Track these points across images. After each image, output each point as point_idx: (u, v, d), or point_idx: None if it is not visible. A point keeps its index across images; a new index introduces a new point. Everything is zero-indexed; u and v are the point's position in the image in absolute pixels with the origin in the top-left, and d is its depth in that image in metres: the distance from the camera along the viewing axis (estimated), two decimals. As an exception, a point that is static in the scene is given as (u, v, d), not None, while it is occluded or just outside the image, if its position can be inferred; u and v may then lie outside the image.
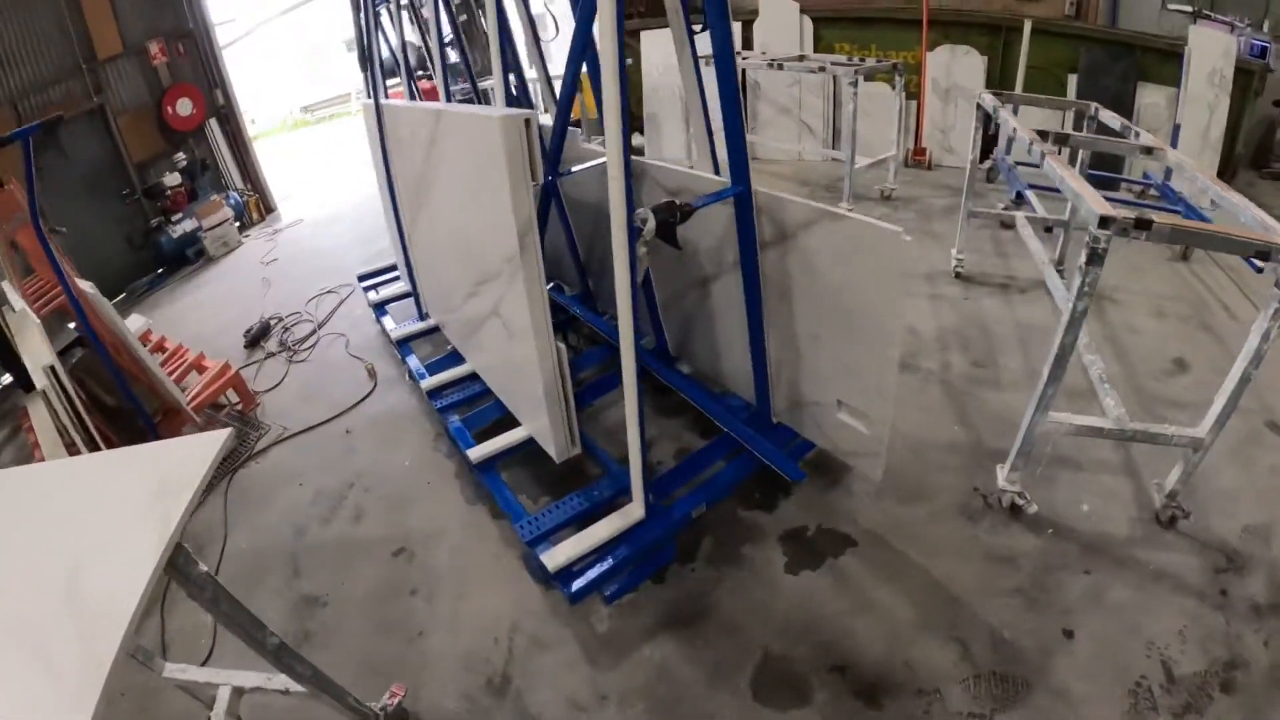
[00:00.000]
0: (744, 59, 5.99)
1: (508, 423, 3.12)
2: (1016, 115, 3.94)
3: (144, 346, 3.63)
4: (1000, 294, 4.44)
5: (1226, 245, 2.03)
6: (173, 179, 6.55)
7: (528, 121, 2.14)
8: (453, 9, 3.74)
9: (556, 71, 3.03)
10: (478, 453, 2.97)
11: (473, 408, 3.40)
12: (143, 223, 6.46)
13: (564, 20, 4.20)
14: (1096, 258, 2.03)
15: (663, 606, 2.50)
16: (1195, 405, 3.18)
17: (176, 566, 1.36)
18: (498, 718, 2.21)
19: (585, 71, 2.72)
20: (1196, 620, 2.24)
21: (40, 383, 2.97)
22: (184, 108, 6.78)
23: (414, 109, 3.20)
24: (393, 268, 5.01)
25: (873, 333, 2.24)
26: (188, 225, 6.50)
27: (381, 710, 2.07)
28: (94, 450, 2.87)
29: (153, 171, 6.60)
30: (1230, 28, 5.49)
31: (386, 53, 4.29)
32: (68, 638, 1.11)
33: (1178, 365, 3.65)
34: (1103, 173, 5.42)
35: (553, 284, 4.09)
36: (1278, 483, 2.82)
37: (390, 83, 4.92)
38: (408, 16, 4.30)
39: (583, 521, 2.55)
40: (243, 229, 7.20)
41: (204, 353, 4.13)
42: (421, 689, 2.31)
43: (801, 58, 6.11)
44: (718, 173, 2.75)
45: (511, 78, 3.51)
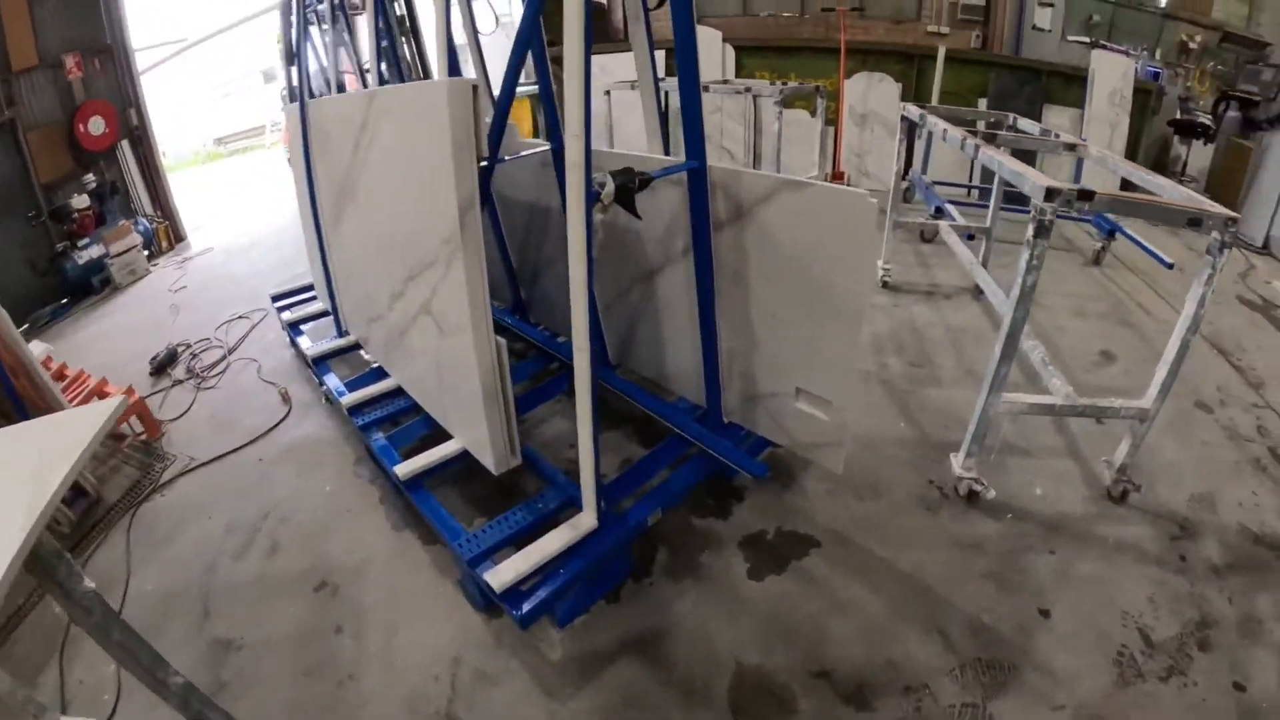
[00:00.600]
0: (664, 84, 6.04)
1: (436, 438, 2.86)
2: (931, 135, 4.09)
3: (45, 372, 3.21)
4: (927, 301, 4.55)
5: (1163, 214, 2.10)
6: (81, 201, 6.02)
7: (475, 88, 1.99)
8: (390, 21, 3.53)
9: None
10: (405, 469, 2.68)
11: (398, 424, 3.13)
12: (47, 247, 5.88)
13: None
14: (1044, 230, 2.06)
15: (621, 626, 2.28)
16: (1129, 390, 3.34)
17: (58, 581, 1.09)
18: (443, 762, 1.94)
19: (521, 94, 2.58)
20: (1163, 586, 2.31)
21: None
22: (96, 126, 6.28)
23: (344, 97, 3.00)
24: (309, 288, 4.67)
25: (837, 306, 2.14)
26: (94, 251, 5.96)
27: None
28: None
29: (60, 193, 6.05)
30: (1126, 53, 5.96)
31: (315, 68, 4.06)
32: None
33: (1105, 357, 3.85)
34: (987, 186, 5.66)
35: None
36: (1214, 454, 3.00)
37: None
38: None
39: (527, 538, 2.30)
40: (151, 257, 6.70)
41: (106, 378, 3.72)
42: (354, 737, 2.01)
43: (726, 81, 6.21)
44: (667, 153, 2.66)
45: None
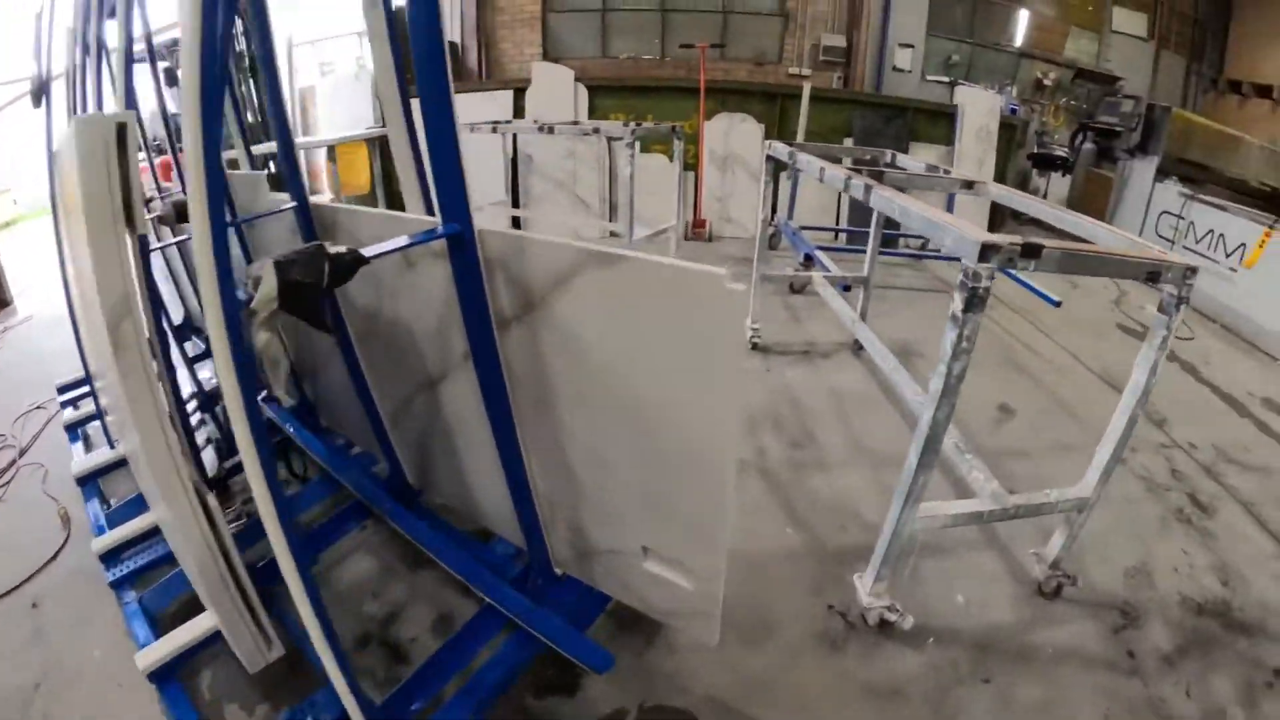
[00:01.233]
0: (510, 124, 5.47)
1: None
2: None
3: None
4: (804, 362, 4.05)
5: (1119, 269, 1.63)
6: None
7: (123, 129, 1.29)
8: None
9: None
10: (149, 657, 1.87)
11: (160, 576, 2.26)
12: None
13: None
14: (976, 301, 1.51)
15: None
16: (1035, 452, 3.16)
17: None
18: None
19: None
20: (1115, 696, 1.99)
21: None
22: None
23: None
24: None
25: (690, 448, 1.45)
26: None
27: None
28: None
29: None
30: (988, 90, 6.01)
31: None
32: None
33: (1003, 411, 3.53)
34: (859, 229, 5.42)
35: (264, 392, 3.04)
36: (1137, 512, 2.73)
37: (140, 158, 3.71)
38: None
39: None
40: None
41: None
42: None
43: (575, 122, 5.69)
44: (433, 214, 1.95)
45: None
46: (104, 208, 1.32)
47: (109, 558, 2.39)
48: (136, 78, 2.26)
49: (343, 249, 1.20)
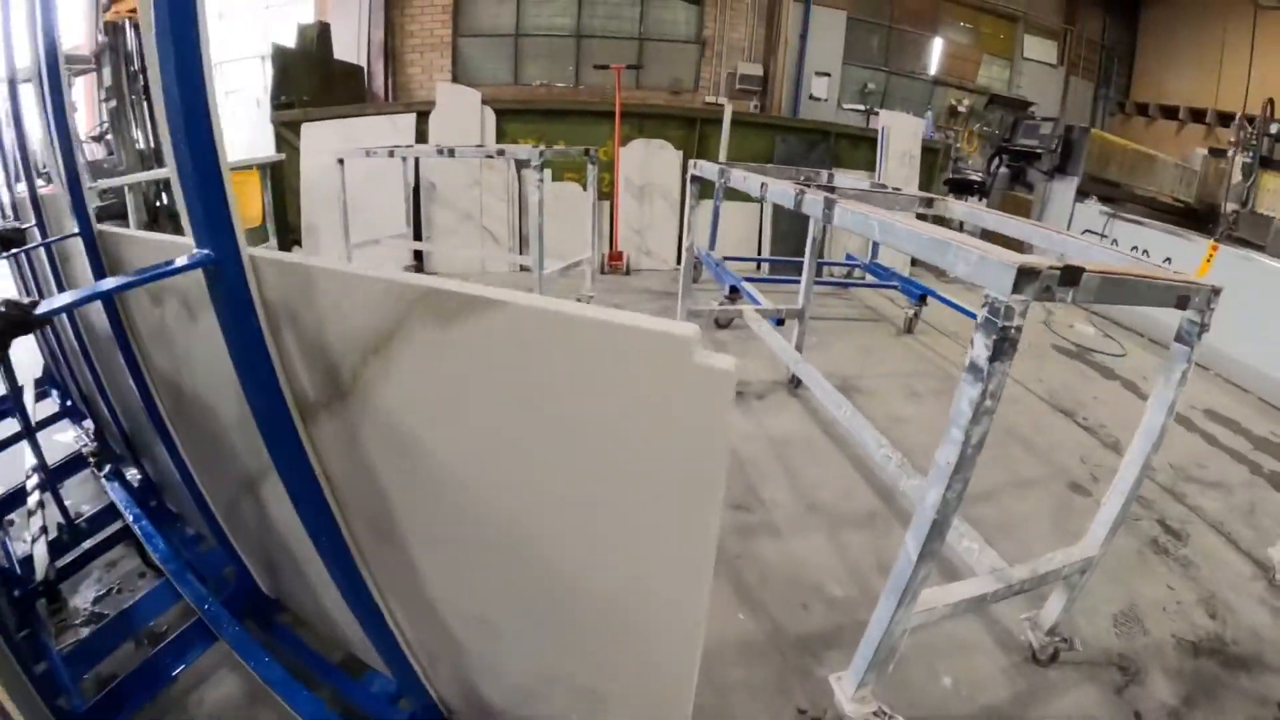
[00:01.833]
0: (410, 148, 4.98)
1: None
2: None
3: None
4: (738, 405, 3.65)
5: (1150, 294, 1.30)
6: None
7: None
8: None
9: None
10: None
11: None
12: None
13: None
14: (1007, 346, 1.11)
15: None
16: (997, 491, 2.88)
17: None
18: None
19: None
20: None
21: None
22: None
23: None
24: None
25: (629, 621, 0.97)
26: None
27: None
28: None
29: None
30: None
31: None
32: None
33: None
34: (792, 258, 5.18)
35: (107, 467, 2.44)
36: (1114, 549, 2.44)
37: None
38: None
39: None
40: None
41: None
42: None
43: (479, 145, 5.25)
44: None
45: None
46: None
47: None
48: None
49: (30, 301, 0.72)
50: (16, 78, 1.88)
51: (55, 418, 2.97)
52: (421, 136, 5.78)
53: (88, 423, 2.75)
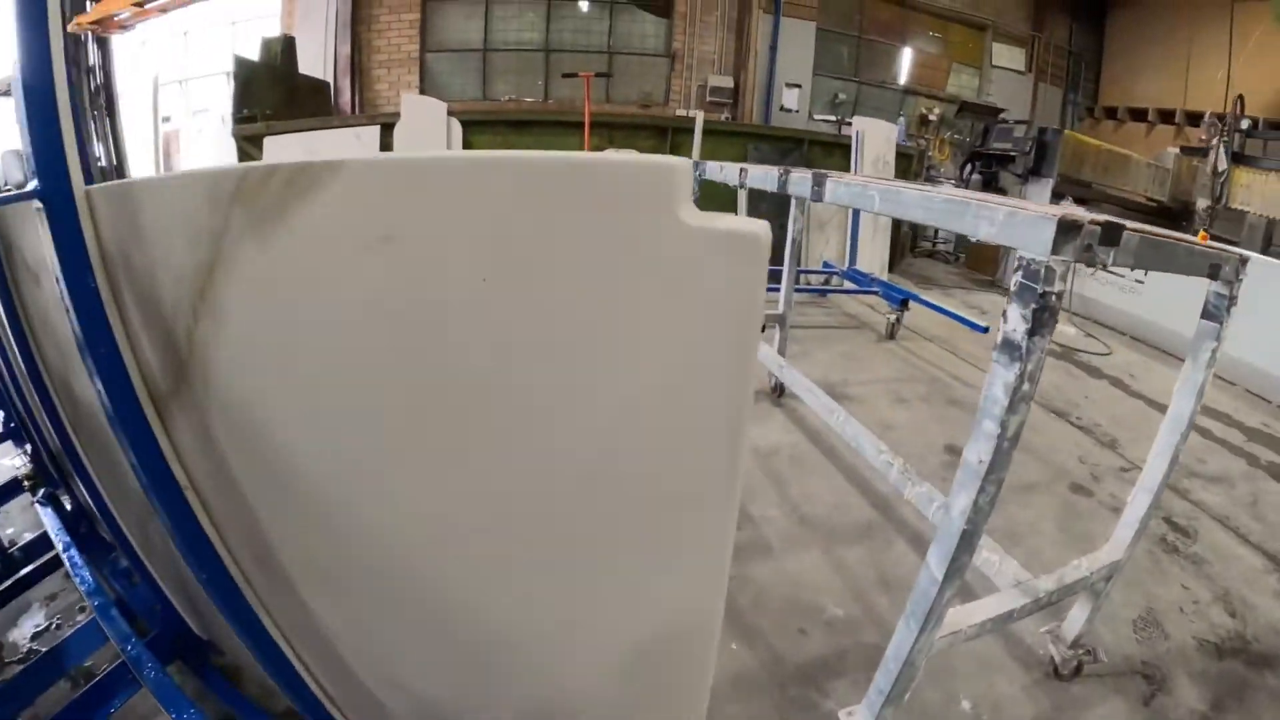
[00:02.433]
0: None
1: None
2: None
3: None
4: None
5: (1188, 259, 1.17)
6: None
7: None
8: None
9: None
10: None
11: None
12: None
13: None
14: (1047, 314, 0.94)
15: None
16: (1000, 497, 2.56)
17: None
18: None
19: None
20: None
21: None
22: None
23: None
24: None
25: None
26: None
27: None
28: None
29: None
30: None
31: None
32: None
33: (952, 453, 3.09)
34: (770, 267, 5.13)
35: (41, 491, 2.20)
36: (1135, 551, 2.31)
37: None
38: None
39: None
40: None
41: None
42: None
43: (446, 157, 5.06)
44: None
45: None
46: None
47: None
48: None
49: None
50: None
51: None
52: (386, 149, 5.61)
53: (29, 445, 2.53)
